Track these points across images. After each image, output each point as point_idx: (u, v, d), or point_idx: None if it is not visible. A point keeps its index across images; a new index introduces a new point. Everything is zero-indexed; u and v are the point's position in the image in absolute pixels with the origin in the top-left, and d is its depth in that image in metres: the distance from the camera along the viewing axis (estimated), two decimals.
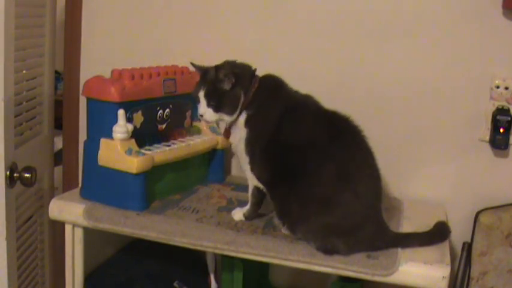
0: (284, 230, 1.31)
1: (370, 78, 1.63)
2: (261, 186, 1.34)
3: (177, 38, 1.77)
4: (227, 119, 1.32)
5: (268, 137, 1.29)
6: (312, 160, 1.25)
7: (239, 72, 1.32)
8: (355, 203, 1.22)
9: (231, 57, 1.72)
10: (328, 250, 1.23)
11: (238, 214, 1.39)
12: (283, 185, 1.28)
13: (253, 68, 1.37)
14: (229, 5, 1.71)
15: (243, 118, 1.31)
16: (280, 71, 1.68)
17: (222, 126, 1.40)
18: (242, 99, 1.30)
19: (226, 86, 1.30)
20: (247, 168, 1.34)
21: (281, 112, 1.30)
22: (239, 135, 1.33)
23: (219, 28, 1.73)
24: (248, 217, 1.38)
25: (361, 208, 1.23)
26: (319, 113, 1.33)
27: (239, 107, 1.30)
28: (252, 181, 1.35)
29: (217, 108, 1.31)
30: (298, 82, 1.66)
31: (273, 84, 1.36)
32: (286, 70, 1.68)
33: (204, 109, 1.32)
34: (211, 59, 1.74)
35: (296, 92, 1.37)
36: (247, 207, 1.38)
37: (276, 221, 1.32)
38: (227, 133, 1.37)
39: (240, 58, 1.72)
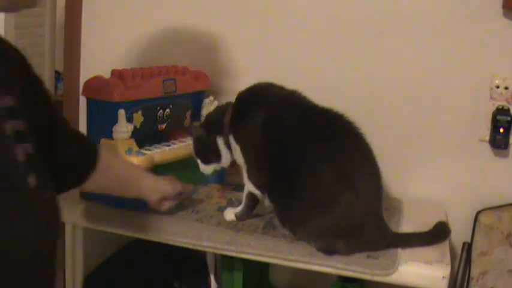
0: (284, 230, 1.31)
1: (370, 77, 1.63)
2: (257, 193, 1.33)
3: (177, 38, 1.77)
4: (219, 165, 1.40)
5: (257, 143, 1.30)
6: (309, 161, 1.24)
7: (209, 122, 1.41)
8: (355, 203, 1.22)
9: (230, 58, 1.73)
10: (329, 251, 1.23)
11: (229, 214, 1.38)
12: (282, 189, 1.27)
13: (233, 100, 1.39)
14: (229, 5, 1.71)
15: (232, 138, 1.34)
16: (278, 70, 1.68)
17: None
18: (220, 141, 1.36)
19: (203, 140, 1.38)
20: (244, 175, 1.35)
21: (264, 117, 1.29)
22: (237, 152, 1.34)
23: (218, 28, 1.73)
24: (240, 218, 1.37)
25: (361, 208, 1.22)
26: (310, 112, 1.31)
27: (222, 150, 1.37)
28: (249, 187, 1.35)
29: (206, 161, 1.40)
30: (298, 81, 1.66)
31: (249, 97, 1.36)
32: (285, 70, 1.68)
33: (200, 165, 1.42)
34: (211, 59, 1.75)
35: (280, 92, 1.35)
36: (240, 208, 1.38)
37: (277, 223, 1.32)
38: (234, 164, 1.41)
39: (239, 58, 1.73)
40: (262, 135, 1.29)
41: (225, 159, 1.39)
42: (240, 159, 1.34)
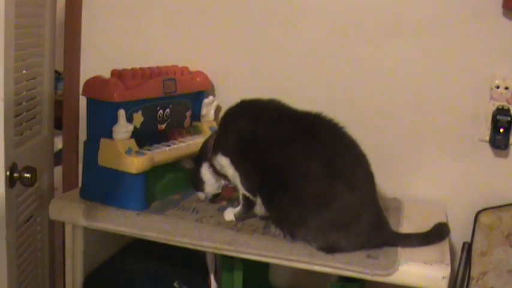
0: (281, 233, 1.30)
1: (370, 78, 1.63)
2: (249, 195, 1.34)
3: (177, 38, 1.77)
4: (206, 193, 1.46)
5: (244, 151, 1.32)
6: (295, 162, 1.25)
7: (197, 153, 1.46)
8: (349, 194, 1.22)
9: (230, 58, 1.73)
10: (330, 248, 1.23)
11: (229, 215, 1.39)
12: (275, 193, 1.28)
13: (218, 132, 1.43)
14: (230, 4, 1.71)
15: (220, 156, 1.36)
16: (278, 70, 1.69)
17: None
18: (205, 169, 1.42)
19: (193, 170, 1.44)
20: (237, 181, 1.36)
21: (246, 125, 1.33)
22: (226, 167, 1.36)
23: (219, 28, 1.73)
24: (239, 218, 1.38)
25: (356, 198, 1.23)
26: (290, 115, 1.34)
27: (205, 176, 1.43)
28: (241, 190, 1.36)
29: (197, 189, 1.47)
30: (298, 81, 1.67)
31: (230, 114, 1.40)
32: (285, 70, 1.68)
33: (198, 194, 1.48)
34: (211, 59, 1.75)
35: (258, 101, 1.38)
36: (238, 208, 1.39)
37: (273, 229, 1.32)
38: (226, 191, 1.47)
39: (239, 58, 1.73)
40: (247, 143, 1.31)
41: (209, 184, 1.44)
42: (230, 171, 1.35)
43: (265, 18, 1.69)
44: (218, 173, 1.41)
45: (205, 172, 1.42)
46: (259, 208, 1.35)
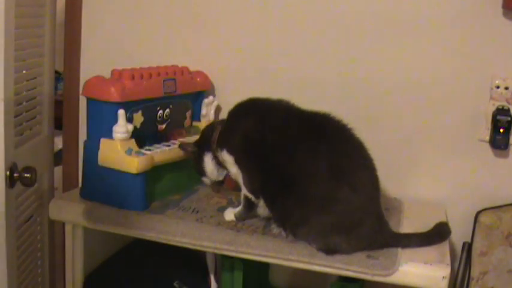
0: (284, 232, 1.30)
1: (370, 78, 1.62)
2: (251, 197, 1.34)
3: (177, 38, 1.77)
4: (209, 179, 1.45)
5: (249, 151, 1.32)
6: (301, 162, 1.25)
7: (200, 139, 1.46)
8: (353, 197, 1.22)
9: (230, 58, 1.73)
10: (330, 250, 1.23)
11: (229, 215, 1.39)
12: (279, 192, 1.28)
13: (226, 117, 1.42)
14: (229, 5, 1.71)
15: (225, 152, 1.35)
16: (278, 71, 1.69)
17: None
18: (207, 158, 1.41)
19: (195, 155, 1.44)
20: (240, 181, 1.36)
21: (253, 125, 1.32)
22: (230, 164, 1.35)
23: (219, 28, 1.73)
24: (239, 218, 1.38)
25: (360, 202, 1.23)
26: (297, 115, 1.33)
27: (208, 165, 1.42)
28: (244, 191, 1.36)
29: (200, 174, 1.46)
30: (298, 82, 1.67)
31: (238, 111, 1.39)
32: (285, 70, 1.68)
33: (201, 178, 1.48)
34: (211, 59, 1.75)
35: (266, 101, 1.38)
36: (239, 208, 1.38)
37: (275, 229, 1.32)
38: (228, 181, 1.45)
39: (239, 58, 1.73)
40: (253, 143, 1.31)
41: (212, 174, 1.43)
42: (234, 169, 1.36)
43: (265, 19, 1.69)
44: (221, 165, 1.40)
45: (208, 162, 1.42)
46: (263, 209, 1.35)
